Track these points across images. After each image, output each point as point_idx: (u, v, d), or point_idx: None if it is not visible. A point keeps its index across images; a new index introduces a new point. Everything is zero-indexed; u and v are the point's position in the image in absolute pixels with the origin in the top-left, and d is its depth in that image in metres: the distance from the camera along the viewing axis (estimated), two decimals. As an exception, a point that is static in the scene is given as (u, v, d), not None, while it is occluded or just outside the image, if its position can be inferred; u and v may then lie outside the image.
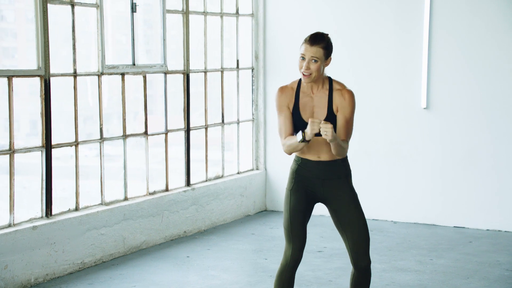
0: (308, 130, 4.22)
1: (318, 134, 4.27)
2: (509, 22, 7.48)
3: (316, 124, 4.19)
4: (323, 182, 4.43)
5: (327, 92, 4.39)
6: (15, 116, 5.93)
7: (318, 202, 4.52)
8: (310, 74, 4.30)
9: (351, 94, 4.39)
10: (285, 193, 4.51)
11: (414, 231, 7.68)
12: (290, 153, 4.43)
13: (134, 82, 7.05)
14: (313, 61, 4.28)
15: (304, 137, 4.26)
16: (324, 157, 4.41)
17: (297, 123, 4.41)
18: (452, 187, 7.85)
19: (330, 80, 4.42)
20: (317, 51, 4.27)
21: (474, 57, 7.64)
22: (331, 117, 4.38)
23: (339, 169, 4.44)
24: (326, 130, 4.16)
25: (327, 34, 4.37)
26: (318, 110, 4.40)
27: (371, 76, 8.09)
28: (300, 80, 4.45)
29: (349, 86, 4.51)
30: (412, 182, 8.03)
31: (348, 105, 4.37)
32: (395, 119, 8.04)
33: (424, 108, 7.88)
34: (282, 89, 4.45)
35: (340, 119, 4.38)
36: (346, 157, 4.46)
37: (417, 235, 7.51)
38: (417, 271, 6.28)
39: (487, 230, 7.70)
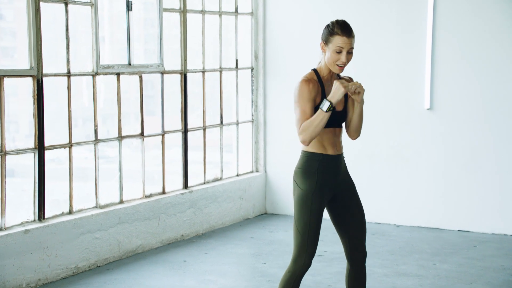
0: (334, 93, 4.16)
1: (338, 125, 4.30)
2: (514, 22, 7.46)
3: (343, 84, 4.14)
4: (340, 177, 4.38)
5: (336, 77, 4.40)
6: (13, 117, 5.85)
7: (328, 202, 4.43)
8: (345, 65, 4.27)
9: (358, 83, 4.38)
10: (301, 195, 4.27)
11: (417, 235, 7.63)
12: (311, 138, 4.18)
13: (130, 82, 7.01)
14: (350, 52, 4.25)
15: (331, 103, 4.14)
16: (339, 149, 4.39)
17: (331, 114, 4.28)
18: (456, 190, 7.80)
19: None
20: (352, 41, 4.24)
21: (478, 58, 7.61)
22: (346, 104, 4.41)
23: (345, 162, 4.46)
24: (359, 88, 4.19)
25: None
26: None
27: (373, 77, 8.05)
28: (315, 71, 4.35)
29: None
30: (415, 184, 7.97)
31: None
32: (398, 120, 8.00)
33: (428, 109, 7.84)
34: (309, 81, 4.27)
35: (351, 104, 4.40)
36: None
37: (420, 239, 7.46)
38: (419, 276, 6.22)
39: (492, 234, 7.64)
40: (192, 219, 7.57)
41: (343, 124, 4.44)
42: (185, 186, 7.62)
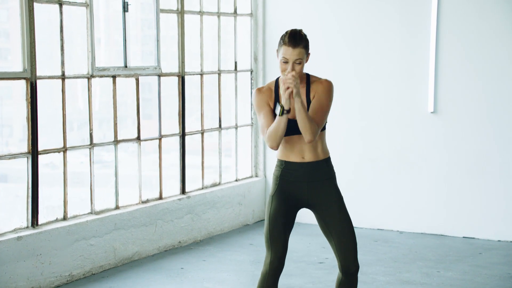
0: (283, 97, 4.19)
1: (296, 132, 4.31)
2: (518, 24, 7.47)
3: (288, 80, 4.15)
4: (308, 185, 4.41)
5: (305, 88, 4.39)
6: (7, 121, 5.82)
7: (302, 207, 4.50)
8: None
9: (329, 82, 4.40)
10: (269, 198, 4.49)
11: (421, 241, 7.59)
12: (276, 143, 4.31)
13: (126, 85, 6.95)
14: (297, 63, 4.28)
15: (282, 107, 4.19)
16: (308, 157, 4.40)
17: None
18: (461, 195, 7.76)
19: (308, 76, 4.43)
20: (299, 52, 4.28)
21: (482, 61, 7.59)
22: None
23: (324, 170, 4.43)
24: (287, 83, 4.14)
25: (302, 30, 4.35)
26: None
27: (375, 79, 8.04)
28: (277, 80, 4.46)
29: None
30: (418, 190, 7.93)
31: (324, 90, 4.37)
32: (401, 124, 7.97)
33: (432, 113, 7.81)
34: (260, 90, 4.44)
35: (314, 103, 4.36)
36: (329, 158, 4.48)
37: (424, 245, 7.42)
38: (423, 284, 6.18)
39: (499, 241, 7.59)
40: (190, 225, 7.52)
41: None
42: (183, 191, 7.58)
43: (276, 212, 4.39)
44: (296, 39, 4.26)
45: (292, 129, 4.33)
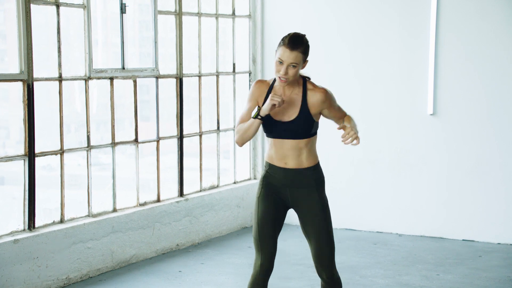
0: (265, 105, 4.25)
1: (285, 136, 4.33)
2: (518, 26, 7.46)
3: (272, 98, 4.20)
4: (291, 190, 4.42)
5: (300, 94, 4.37)
6: (4, 123, 5.79)
7: (289, 208, 4.52)
8: (287, 79, 4.27)
9: (325, 91, 4.39)
10: (255, 199, 4.50)
11: (420, 244, 7.57)
12: (241, 142, 4.44)
13: (123, 87, 6.93)
14: (292, 66, 4.25)
15: (259, 111, 4.25)
16: (290, 164, 4.39)
17: (267, 121, 4.36)
18: (460, 198, 7.73)
19: (305, 82, 4.41)
20: (296, 56, 4.24)
21: (482, 63, 7.58)
22: (303, 116, 4.34)
23: (308, 178, 4.40)
24: (353, 139, 4.32)
25: (305, 35, 4.30)
26: (289, 110, 4.35)
27: (375, 81, 8.03)
28: (274, 80, 4.45)
29: (325, 86, 4.55)
30: (418, 192, 7.90)
31: (327, 100, 4.38)
32: (400, 126, 7.95)
33: (431, 115, 7.79)
34: (260, 83, 4.48)
35: (330, 111, 4.44)
36: (317, 164, 4.43)
37: (423, 248, 7.40)
38: (423, 287, 6.16)
39: (498, 243, 7.57)
40: (188, 228, 7.49)
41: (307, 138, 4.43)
42: (181, 194, 7.55)
43: (264, 213, 4.41)
44: (296, 43, 4.23)
45: (278, 132, 4.34)
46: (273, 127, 4.34)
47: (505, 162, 7.51)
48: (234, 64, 8.31)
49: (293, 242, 7.40)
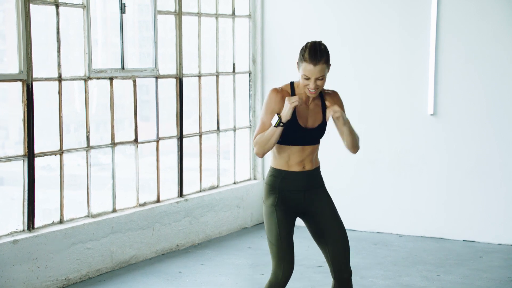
0: (284, 110, 4.17)
1: (310, 143, 4.34)
2: (519, 26, 7.45)
3: (290, 100, 4.15)
4: (305, 193, 4.40)
5: (319, 100, 4.40)
6: (3, 123, 5.79)
7: (298, 217, 4.49)
8: (317, 90, 4.25)
9: (337, 94, 4.47)
10: (265, 209, 4.42)
11: (421, 245, 7.56)
12: (262, 152, 4.31)
13: (123, 87, 6.91)
14: (319, 79, 4.21)
15: (280, 119, 4.17)
16: (308, 166, 4.41)
17: (293, 129, 4.30)
18: (461, 198, 7.72)
19: None
20: (321, 69, 4.19)
21: (482, 63, 7.56)
22: (325, 122, 4.43)
23: (319, 178, 4.46)
24: (335, 113, 4.21)
25: (321, 42, 4.25)
26: (314, 116, 4.38)
27: (375, 81, 8.02)
28: (292, 84, 4.38)
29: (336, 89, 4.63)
30: (418, 192, 7.89)
31: (339, 103, 4.45)
32: (401, 126, 7.94)
33: (431, 115, 7.78)
34: (276, 92, 4.33)
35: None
36: (319, 165, 4.49)
37: (423, 249, 7.38)
38: None
39: (499, 244, 7.56)
40: (188, 228, 7.48)
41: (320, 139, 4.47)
42: (181, 194, 7.54)
43: (283, 224, 4.33)
44: (317, 56, 4.14)
45: (300, 139, 4.31)
46: (297, 134, 4.29)
47: (505, 162, 7.50)
48: (234, 64, 8.30)
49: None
